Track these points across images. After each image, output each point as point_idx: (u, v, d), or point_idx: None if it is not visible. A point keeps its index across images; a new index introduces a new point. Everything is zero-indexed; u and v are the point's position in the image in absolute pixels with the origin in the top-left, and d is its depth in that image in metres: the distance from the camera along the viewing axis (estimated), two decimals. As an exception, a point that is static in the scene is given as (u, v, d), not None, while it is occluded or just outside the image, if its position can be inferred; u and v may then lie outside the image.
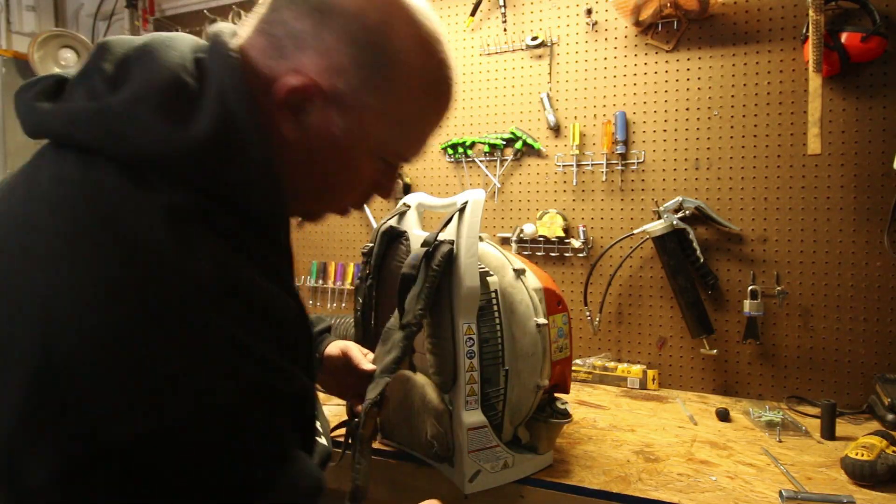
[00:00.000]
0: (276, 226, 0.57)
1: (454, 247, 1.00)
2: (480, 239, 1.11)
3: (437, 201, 1.22)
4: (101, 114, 0.49)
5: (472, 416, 1.00)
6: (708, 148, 1.64)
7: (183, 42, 0.56)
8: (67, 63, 2.31)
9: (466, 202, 1.03)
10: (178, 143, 0.49)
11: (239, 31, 0.58)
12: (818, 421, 1.31)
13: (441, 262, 0.98)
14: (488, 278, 1.04)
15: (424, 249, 1.01)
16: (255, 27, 0.57)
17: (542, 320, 1.08)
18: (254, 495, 0.46)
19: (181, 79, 0.52)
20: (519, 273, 1.10)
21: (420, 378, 1.07)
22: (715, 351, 1.60)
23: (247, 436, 0.46)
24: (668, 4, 1.60)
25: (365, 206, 1.00)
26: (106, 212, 0.46)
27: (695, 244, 1.60)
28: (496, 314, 1.04)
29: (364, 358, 0.98)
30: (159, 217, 0.46)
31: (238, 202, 0.52)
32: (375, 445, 1.19)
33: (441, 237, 1.03)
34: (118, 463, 0.40)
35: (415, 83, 0.58)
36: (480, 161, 1.91)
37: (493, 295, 1.04)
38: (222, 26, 0.58)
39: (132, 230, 0.45)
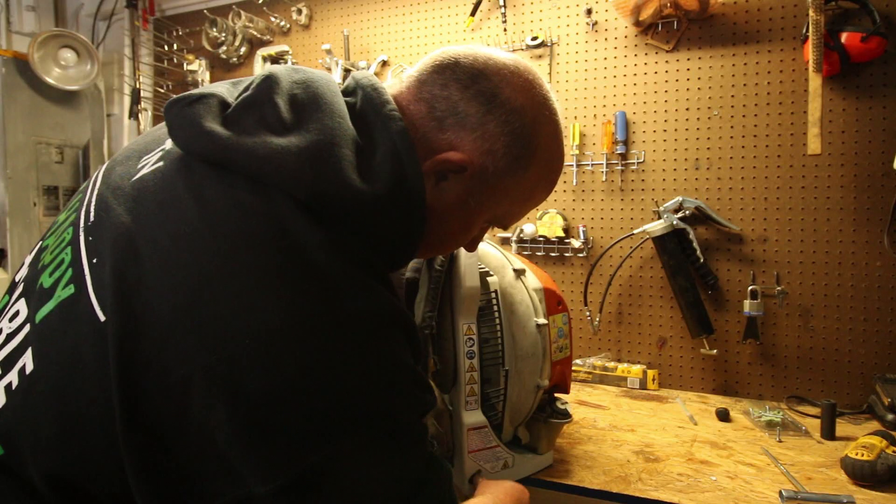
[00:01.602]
0: (399, 269, 0.65)
1: (454, 247, 1.00)
2: (480, 239, 1.11)
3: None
4: (287, 153, 0.52)
5: (473, 417, 1.00)
6: (708, 148, 1.64)
7: (335, 85, 0.61)
8: (67, 63, 2.31)
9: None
10: (361, 194, 0.54)
11: (390, 85, 0.64)
12: (818, 421, 1.31)
13: (444, 262, 0.98)
14: (488, 278, 1.04)
15: None
16: (414, 93, 0.63)
17: (542, 320, 1.08)
18: (425, 488, 0.54)
19: (355, 132, 0.57)
20: (519, 273, 1.10)
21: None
22: (715, 351, 1.60)
23: (420, 441, 0.55)
24: (668, 4, 1.60)
25: None
26: (292, 246, 0.49)
27: (695, 244, 1.60)
28: (496, 314, 1.04)
29: None
30: (338, 254, 0.51)
31: (387, 249, 0.58)
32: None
33: None
34: (324, 476, 0.46)
35: (543, 173, 0.68)
36: (480, 161, 1.91)
37: (494, 295, 1.04)
38: (371, 77, 0.63)
39: (317, 264, 0.49)
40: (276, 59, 2.21)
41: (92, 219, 0.55)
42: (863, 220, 1.48)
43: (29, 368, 0.51)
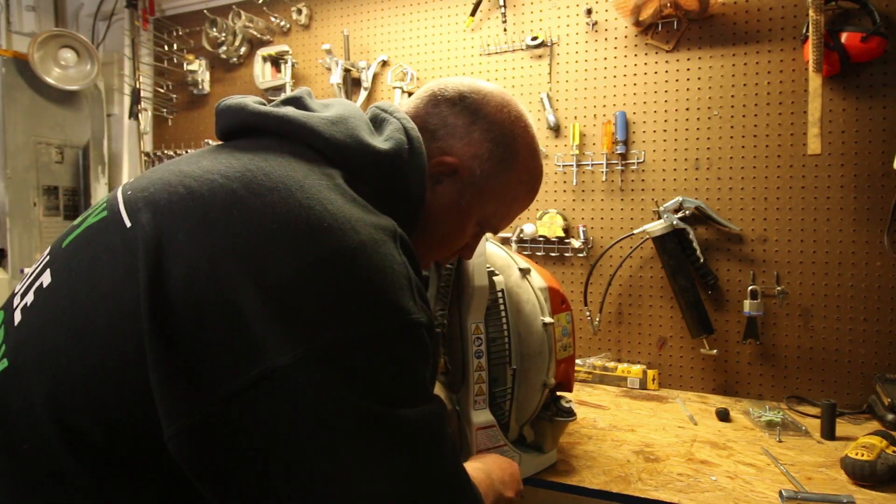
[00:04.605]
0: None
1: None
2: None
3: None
4: (310, 118, 0.64)
5: (481, 416, 1.00)
6: (708, 148, 1.64)
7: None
8: (67, 63, 2.31)
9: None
10: (371, 147, 0.65)
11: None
12: (818, 421, 1.32)
13: (454, 261, 0.99)
14: (494, 278, 1.04)
15: None
16: (411, 112, 0.76)
17: (548, 319, 1.08)
18: (421, 406, 0.56)
19: (369, 122, 0.71)
20: (524, 272, 1.11)
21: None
22: (715, 351, 1.60)
23: (426, 360, 0.58)
24: (668, 4, 1.60)
25: None
26: (313, 170, 0.59)
27: (695, 244, 1.61)
28: (503, 313, 1.04)
29: None
30: (350, 187, 0.60)
31: (391, 206, 0.64)
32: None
33: None
34: (338, 358, 0.50)
35: (524, 177, 0.79)
36: (481, 161, 1.91)
37: (500, 294, 1.04)
38: (384, 101, 0.77)
39: (335, 185, 0.58)
40: (276, 59, 2.21)
41: (134, 183, 0.63)
42: (863, 220, 1.49)
43: (46, 283, 0.58)
